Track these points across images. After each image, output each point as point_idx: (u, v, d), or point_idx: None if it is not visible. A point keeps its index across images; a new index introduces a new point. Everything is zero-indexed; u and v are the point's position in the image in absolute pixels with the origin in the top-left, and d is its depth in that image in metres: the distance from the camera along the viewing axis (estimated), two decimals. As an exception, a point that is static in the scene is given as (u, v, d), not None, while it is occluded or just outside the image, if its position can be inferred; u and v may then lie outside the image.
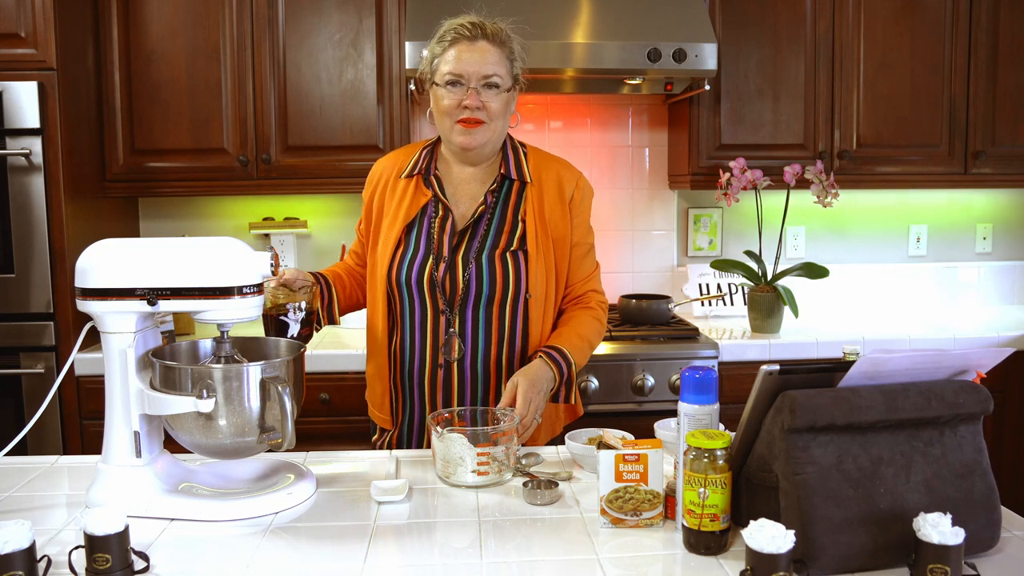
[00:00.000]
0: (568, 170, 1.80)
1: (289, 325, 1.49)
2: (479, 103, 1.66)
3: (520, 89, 1.77)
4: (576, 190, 1.78)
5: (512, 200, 1.75)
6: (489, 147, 1.74)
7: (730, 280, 3.20)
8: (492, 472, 1.44)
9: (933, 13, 2.96)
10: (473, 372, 1.73)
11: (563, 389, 1.72)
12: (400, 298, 1.74)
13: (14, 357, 2.54)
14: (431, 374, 1.74)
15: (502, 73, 1.68)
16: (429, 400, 1.76)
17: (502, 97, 1.69)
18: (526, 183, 1.76)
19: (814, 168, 2.80)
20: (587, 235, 1.82)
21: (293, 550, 1.22)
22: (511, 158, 1.77)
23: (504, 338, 1.73)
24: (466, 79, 1.66)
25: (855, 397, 1.11)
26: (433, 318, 1.72)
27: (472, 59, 1.66)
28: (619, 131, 3.27)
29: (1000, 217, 3.43)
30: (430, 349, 1.73)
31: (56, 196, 2.51)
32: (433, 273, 1.70)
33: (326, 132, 2.84)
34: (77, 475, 1.55)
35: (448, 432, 1.45)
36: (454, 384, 1.74)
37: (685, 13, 2.75)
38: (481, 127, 1.68)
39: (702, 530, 1.17)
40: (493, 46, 1.67)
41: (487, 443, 1.44)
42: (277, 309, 1.51)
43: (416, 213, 1.75)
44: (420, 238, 1.74)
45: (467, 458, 1.43)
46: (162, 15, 2.77)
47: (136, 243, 1.39)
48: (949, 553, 1.02)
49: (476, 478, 1.43)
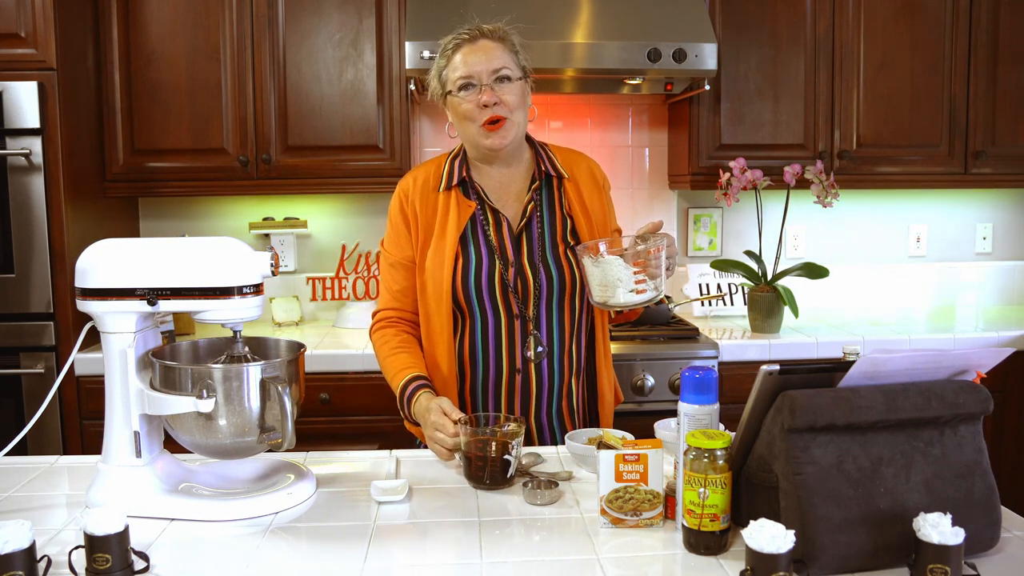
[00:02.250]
0: (593, 161, 1.86)
1: (513, 461, 1.46)
2: (496, 98, 1.66)
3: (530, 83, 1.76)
4: (605, 179, 1.84)
5: (556, 196, 1.78)
6: (516, 143, 1.74)
7: (730, 280, 3.20)
8: (649, 290, 1.53)
9: (933, 13, 2.96)
10: (550, 371, 1.74)
11: None
12: (470, 309, 1.71)
13: (14, 357, 2.54)
14: (508, 379, 1.73)
15: (510, 65, 1.68)
16: (506, 406, 1.75)
17: (516, 88, 1.68)
18: (563, 178, 1.78)
19: (814, 168, 2.80)
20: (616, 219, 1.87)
21: (293, 550, 1.22)
22: (543, 156, 1.79)
23: (575, 333, 1.76)
24: (477, 78, 1.66)
25: (855, 397, 1.11)
26: (508, 323, 1.72)
27: (478, 58, 1.66)
28: (619, 131, 3.27)
29: (1000, 217, 3.43)
30: (506, 354, 1.73)
31: (56, 196, 2.51)
32: (504, 277, 1.70)
33: (326, 132, 2.84)
34: (77, 475, 1.55)
35: (608, 255, 1.52)
36: (532, 386, 1.74)
37: (685, 13, 2.75)
38: (504, 124, 1.67)
39: (702, 530, 1.17)
40: (495, 42, 1.68)
41: (640, 260, 1.52)
42: (502, 449, 1.43)
43: (466, 223, 1.73)
44: (479, 246, 1.72)
45: (624, 278, 1.51)
46: (162, 15, 2.77)
47: (136, 243, 1.39)
48: (949, 553, 1.02)
49: (635, 296, 1.53)
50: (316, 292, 3.17)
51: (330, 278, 3.15)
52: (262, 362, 1.35)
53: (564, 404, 1.76)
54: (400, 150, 2.84)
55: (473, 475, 1.44)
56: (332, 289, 3.15)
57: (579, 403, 1.80)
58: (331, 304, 3.19)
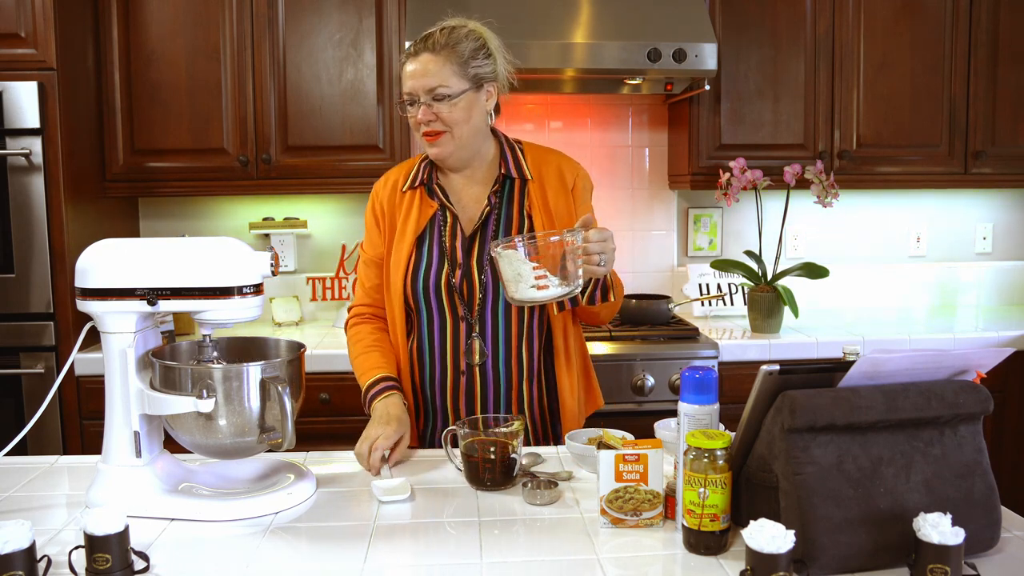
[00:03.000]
0: (567, 161, 1.81)
1: (518, 460, 1.46)
2: (431, 115, 1.66)
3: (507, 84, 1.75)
4: (577, 178, 1.79)
5: (516, 198, 1.76)
6: (465, 152, 1.73)
7: (730, 280, 3.20)
8: (552, 286, 1.47)
9: (933, 13, 2.96)
10: (495, 375, 1.73)
11: (599, 292, 1.67)
12: (418, 309, 1.74)
13: (14, 357, 2.54)
14: (453, 381, 1.74)
15: (448, 81, 1.65)
16: (452, 408, 1.75)
17: (456, 104, 1.66)
18: (527, 180, 1.76)
19: (814, 168, 2.81)
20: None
21: (293, 550, 1.22)
22: (509, 157, 1.77)
23: (523, 337, 1.74)
24: (415, 95, 1.67)
25: (855, 397, 1.11)
26: (453, 325, 1.73)
27: (415, 75, 1.66)
28: (619, 131, 3.27)
29: (1000, 217, 3.43)
30: (451, 356, 1.73)
31: (56, 196, 2.51)
32: (450, 279, 1.71)
33: (326, 132, 2.84)
34: (77, 475, 1.55)
35: (503, 250, 1.48)
36: (477, 389, 1.74)
37: (685, 13, 2.75)
38: (443, 137, 1.68)
39: (702, 530, 1.17)
40: (435, 55, 1.65)
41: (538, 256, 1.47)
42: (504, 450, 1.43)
43: (426, 224, 1.76)
44: (432, 247, 1.74)
45: (524, 273, 1.47)
46: (162, 15, 2.77)
47: (136, 243, 1.39)
48: (949, 553, 1.02)
49: (536, 292, 1.47)
50: (316, 292, 3.17)
51: (330, 278, 3.15)
52: (262, 362, 1.35)
53: (514, 408, 1.75)
54: (400, 150, 2.84)
55: (476, 477, 1.44)
56: (332, 289, 3.15)
57: (536, 408, 1.77)
58: (331, 304, 3.19)
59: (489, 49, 1.71)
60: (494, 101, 1.74)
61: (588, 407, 1.85)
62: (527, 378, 1.75)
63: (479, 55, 1.69)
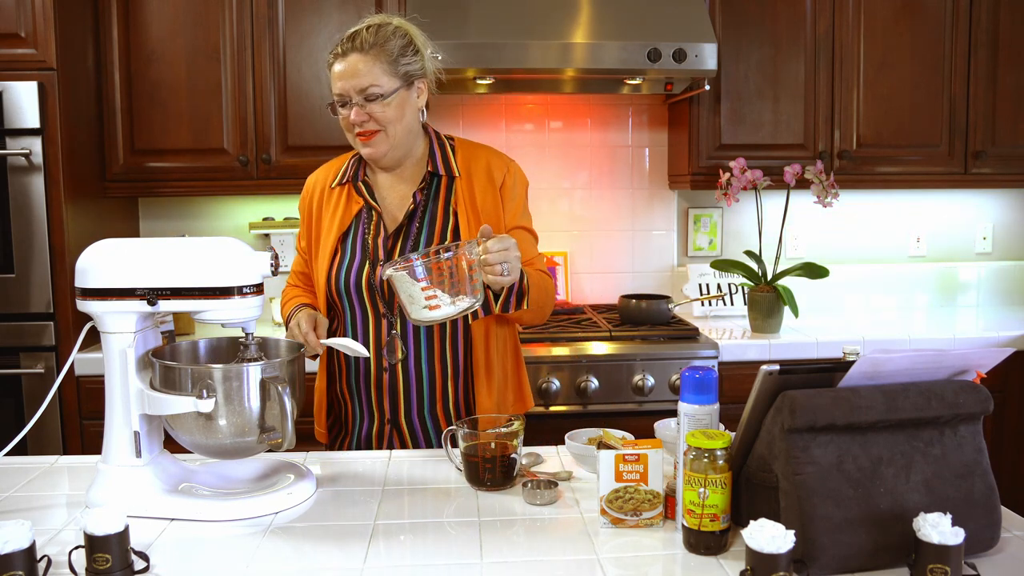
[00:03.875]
0: (497, 157, 1.79)
1: (518, 460, 1.45)
2: (364, 116, 1.65)
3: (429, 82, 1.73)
4: (507, 175, 1.76)
5: (442, 195, 1.74)
6: (399, 151, 1.72)
7: (730, 280, 3.20)
8: (444, 304, 1.43)
9: (933, 13, 2.96)
10: (418, 373, 1.72)
11: (513, 299, 1.61)
12: (341, 306, 1.74)
13: (14, 357, 2.54)
14: (376, 377, 1.73)
15: (380, 81, 1.64)
16: (376, 405, 1.75)
17: (389, 104, 1.66)
18: (454, 177, 1.75)
19: (814, 168, 2.80)
20: (522, 218, 1.78)
21: (293, 550, 1.22)
22: (437, 154, 1.76)
23: (447, 335, 1.72)
24: (347, 96, 1.66)
25: (855, 397, 1.11)
26: (375, 322, 1.72)
27: (345, 75, 1.65)
28: (619, 131, 3.27)
29: (1000, 217, 3.43)
30: (373, 353, 1.73)
31: (56, 196, 2.51)
32: (371, 278, 1.70)
33: (326, 132, 2.84)
34: (77, 475, 1.55)
35: (394, 271, 1.43)
36: (399, 387, 1.73)
37: (685, 13, 2.75)
38: (377, 137, 1.68)
39: (702, 530, 1.17)
40: (363, 55, 1.64)
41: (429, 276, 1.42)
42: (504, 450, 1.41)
43: (351, 221, 1.76)
44: (356, 245, 1.74)
45: (414, 294, 1.43)
46: (162, 15, 2.77)
47: (136, 243, 1.39)
48: (949, 553, 1.02)
49: (429, 313, 1.44)
50: (316, 292, 3.17)
51: (330, 278, 3.15)
52: (262, 362, 1.35)
53: (439, 407, 1.74)
54: (400, 150, 2.84)
55: (476, 477, 1.44)
56: (332, 289, 3.15)
57: (463, 408, 1.76)
58: (331, 304, 3.19)
59: (416, 45, 1.70)
60: (424, 98, 1.74)
61: (514, 410, 1.81)
62: (452, 377, 1.73)
63: (408, 52, 1.68)
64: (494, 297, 1.60)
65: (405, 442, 1.76)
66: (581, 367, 2.60)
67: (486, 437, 1.43)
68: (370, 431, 1.77)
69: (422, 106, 1.74)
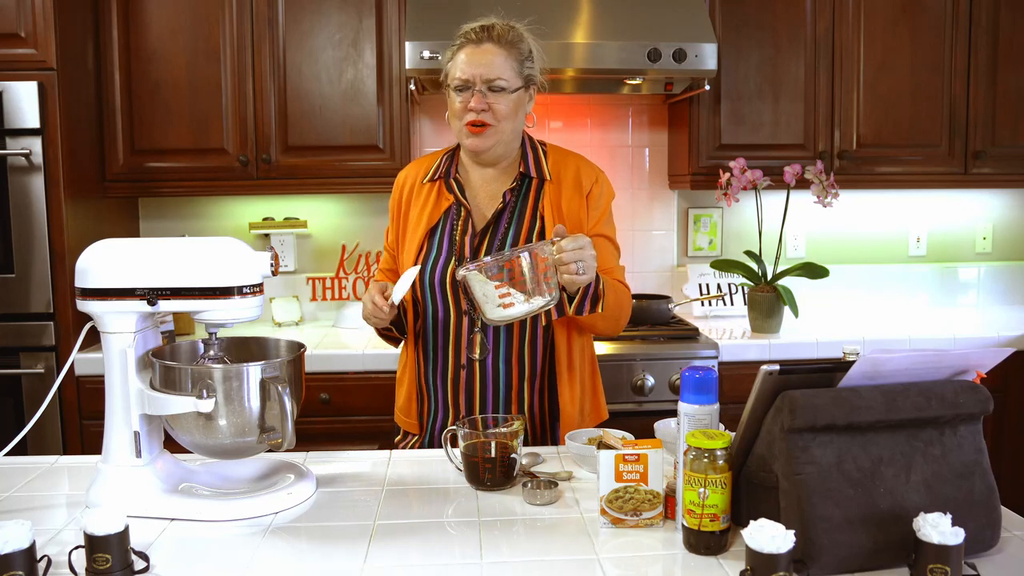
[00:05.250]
0: (587, 166, 1.82)
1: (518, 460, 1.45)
2: (484, 105, 1.68)
3: (539, 89, 1.77)
4: (595, 184, 1.79)
5: (531, 198, 1.76)
6: (501, 148, 1.74)
7: (730, 280, 3.20)
8: (518, 303, 1.46)
9: (933, 13, 2.96)
10: (495, 372, 1.73)
11: (588, 302, 1.63)
12: (424, 300, 1.75)
13: (14, 357, 2.54)
14: (454, 375, 1.75)
15: (507, 75, 1.68)
16: (452, 402, 1.76)
17: (509, 99, 1.69)
18: (545, 180, 1.77)
19: (814, 168, 2.81)
20: (605, 226, 1.81)
21: (293, 550, 1.22)
22: (530, 157, 1.78)
23: (527, 336, 1.73)
24: (472, 82, 1.68)
25: (855, 397, 1.11)
26: (456, 318, 1.73)
27: (477, 62, 1.68)
28: (619, 131, 3.27)
29: (1000, 217, 3.43)
30: (452, 350, 1.74)
31: (56, 196, 2.51)
32: (455, 274, 1.70)
33: (326, 132, 2.84)
34: (77, 475, 1.55)
35: (468, 271, 1.47)
36: (476, 385, 1.74)
37: (685, 13, 2.75)
38: (488, 130, 1.70)
39: (702, 530, 1.17)
40: (499, 47, 1.68)
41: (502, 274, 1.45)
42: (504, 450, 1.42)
43: (439, 217, 1.77)
44: (443, 240, 1.75)
45: (488, 293, 1.46)
46: (162, 15, 2.77)
47: (136, 243, 1.39)
48: (949, 553, 1.02)
49: (503, 311, 1.47)
50: (316, 292, 3.17)
51: (330, 278, 3.15)
52: (262, 362, 1.35)
53: (514, 408, 1.75)
54: (400, 150, 2.84)
55: (476, 477, 1.44)
56: (332, 289, 3.15)
57: (536, 410, 1.76)
58: (331, 304, 3.19)
59: (534, 54, 1.75)
60: (532, 104, 1.78)
61: (591, 418, 1.83)
62: (528, 379, 1.75)
63: (530, 57, 1.73)
64: (568, 299, 1.62)
65: None
66: (581, 367, 2.60)
67: (486, 437, 1.44)
68: (443, 427, 1.78)
69: (530, 111, 1.77)
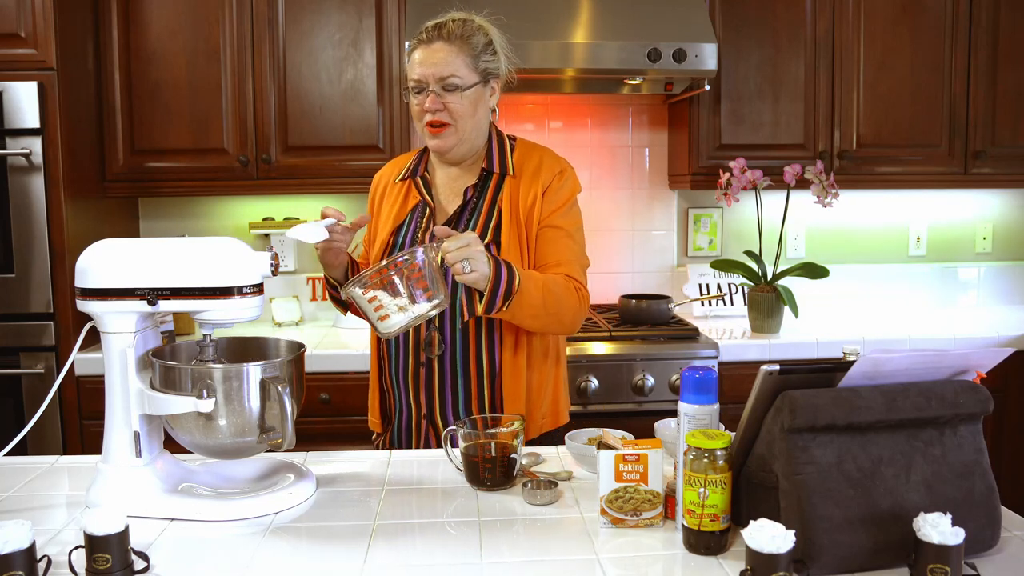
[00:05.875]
0: (551, 160, 1.77)
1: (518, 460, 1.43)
2: (439, 105, 1.66)
3: (505, 82, 1.75)
4: (556, 178, 1.73)
5: (491, 193, 1.74)
6: (465, 147, 1.73)
7: (730, 280, 3.20)
8: (392, 313, 1.42)
9: (933, 13, 2.96)
10: (453, 370, 1.72)
11: (500, 298, 1.54)
12: None
13: (14, 357, 2.54)
14: (414, 371, 1.74)
15: (460, 72, 1.66)
16: (414, 399, 1.76)
17: (465, 96, 1.67)
18: (507, 175, 1.74)
19: (814, 168, 2.80)
20: (561, 219, 1.73)
21: (293, 550, 1.22)
22: (495, 152, 1.76)
23: (483, 335, 1.71)
24: (425, 83, 1.67)
25: (855, 397, 1.11)
26: None
27: (428, 62, 1.66)
28: (619, 131, 3.27)
29: (1000, 217, 3.43)
30: (412, 347, 1.74)
31: (56, 196, 2.51)
32: None
33: (326, 132, 2.84)
34: (77, 475, 1.55)
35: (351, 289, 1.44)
36: (435, 382, 1.73)
37: (685, 13, 2.75)
38: (447, 130, 1.69)
39: (702, 530, 1.17)
40: (450, 45, 1.66)
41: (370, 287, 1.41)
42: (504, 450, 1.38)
43: (406, 215, 1.78)
44: (407, 238, 1.76)
45: (367, 309, 1.43)
46: (162, 15, 2.77)
47: (136, 243, 1.39)
48: (949, 553, 1.02)
49: (381, 324, 1.44)
50: (316, 292, 3.17)
51: (330, 278, 3.15)
52: (262, 362, 1.35)
53: (474, 406, 1.73)
54: (400, 150, 2.84)
55: (476, 477, 1.43)
56: (332, 289, 3.15)
57: (499, 409, 1.74)
58: (331, 304, 3.19)
59: (495, 47, 1.72)
60: (496, 98, 1.76)
61: (549, 420, 1.79)
62: (488, 376, 1.72)
63: (488, 50, 1.71)
64: (480, 298, 1.56)
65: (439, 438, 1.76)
66: (581, 367, 2.60)
67: (486, 437, 1.43)
68: (408, 424, 1.78)
69: (493, 106, 1.75)
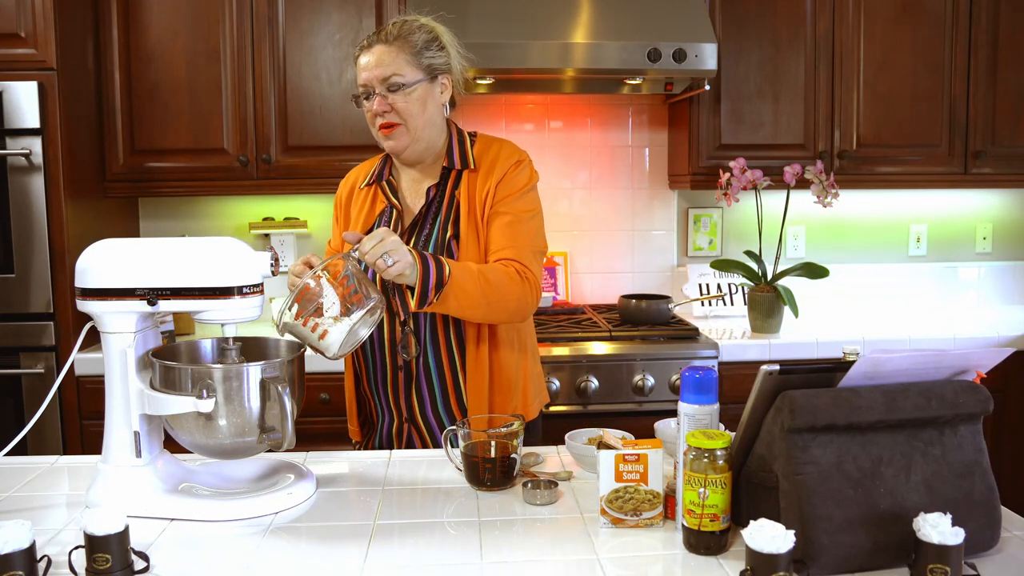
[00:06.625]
0: (508, 152, 1.75)
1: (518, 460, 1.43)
2: (386, 106, 1.67)
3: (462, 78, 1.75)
4: (511, 168, 1.71)
5: (450, 188, 1.74)
6: (421, 145, 1.72)
7: (730, 280, 3.20)
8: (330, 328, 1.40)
9: (933, 13, 2.96)
10: (427, 371, 1.71)
11: (432, 291, 1.53)
12: None
13: (14, 357, 2.53)
14: (392, 377, 1.74)
15: (402, 71, 1.66)
16: (393, 403, 1.75)
17: (411, 94, 1.67)
18: (467, 169, 1.73)
19: (814, 168, 2.80)
20: (511, 205, 1.70)
21: (293, 550, 1.22)
22: (455, 148, 1.76)
23: (451, 333, 1.71)
24: (371, 87, 1.68)
25: (855, 397, 1.11)
26: (390, 320, 1.72)
27: (370, 66, 1.67)
28: (619, 131, 3.27)
29: (1000, 217, 3.43)
30: (388, 351, 1.73)
31: (56, 196, 2.51)
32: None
33: (326, 132, 2.84)
34: (77, 475, 1.55)
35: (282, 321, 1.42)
36: (413, 385, 1.73)
37: (685, 13, 2.75)
38: (398, 129, 1.69)
39: (702, 530, 1.17)
40: (388, 46, 1.66)
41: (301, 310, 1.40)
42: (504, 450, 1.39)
43: (374, 220, 1.77)
44: None
45: (304, 333, 1.42)
46: (162, 15, 2.77)
47: (136, 243, 1.39)
48: (949, 553, 1.02)
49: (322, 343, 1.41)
50: (316, 292, 3.17)
51: (330, 278, 3.15)
52: (262, 362, 1.35)
53: (454, 405, 1.73)
54: (400, 150, 2.84)
55: (476, 477, 1.43)
56: (332, 289, 3.15)
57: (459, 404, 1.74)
58: (331, 304, 3.19)
59: (442, 42, 1.72)
60: (448, 94, 1.75)
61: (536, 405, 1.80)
62: (462, 374, 1.72)
63: (432, 46, 1.70)
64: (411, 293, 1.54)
65: (425, 440, 1.76)
66: (581, 367, 2.60)
67: (486, 437, 1.43)
68: (391, 429, 1.78)
69: (445, 102, 1.75)
